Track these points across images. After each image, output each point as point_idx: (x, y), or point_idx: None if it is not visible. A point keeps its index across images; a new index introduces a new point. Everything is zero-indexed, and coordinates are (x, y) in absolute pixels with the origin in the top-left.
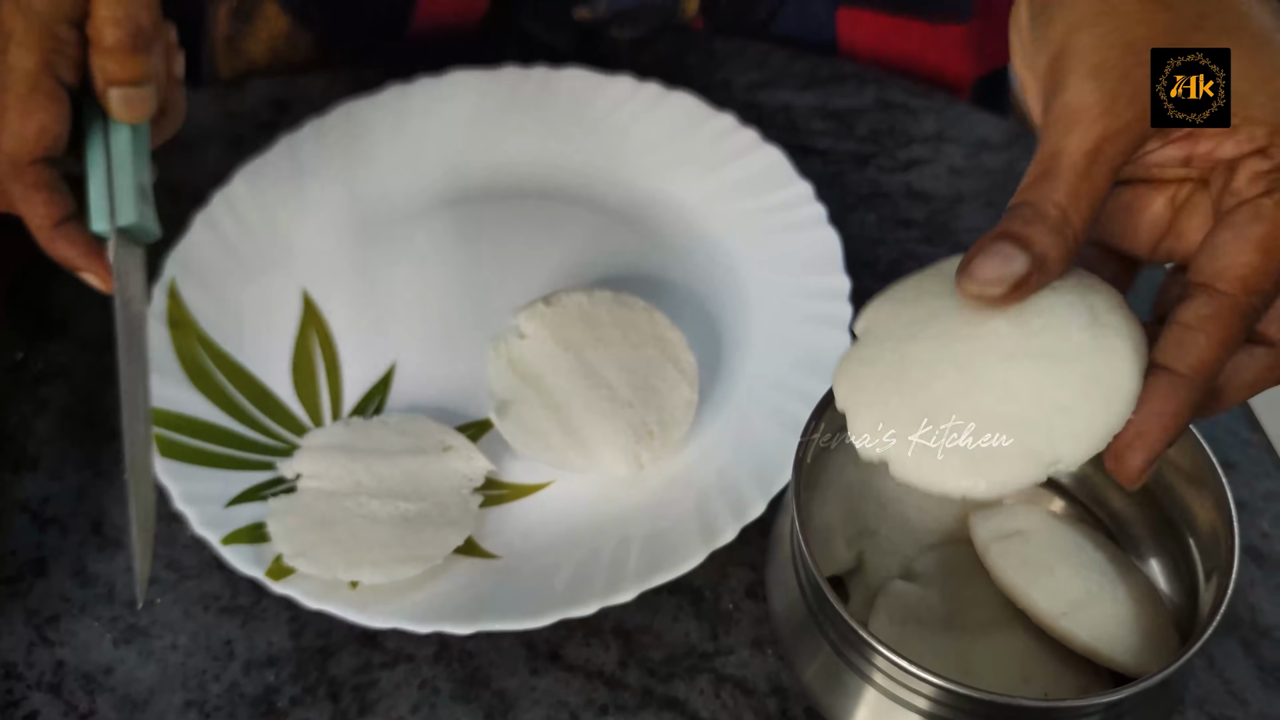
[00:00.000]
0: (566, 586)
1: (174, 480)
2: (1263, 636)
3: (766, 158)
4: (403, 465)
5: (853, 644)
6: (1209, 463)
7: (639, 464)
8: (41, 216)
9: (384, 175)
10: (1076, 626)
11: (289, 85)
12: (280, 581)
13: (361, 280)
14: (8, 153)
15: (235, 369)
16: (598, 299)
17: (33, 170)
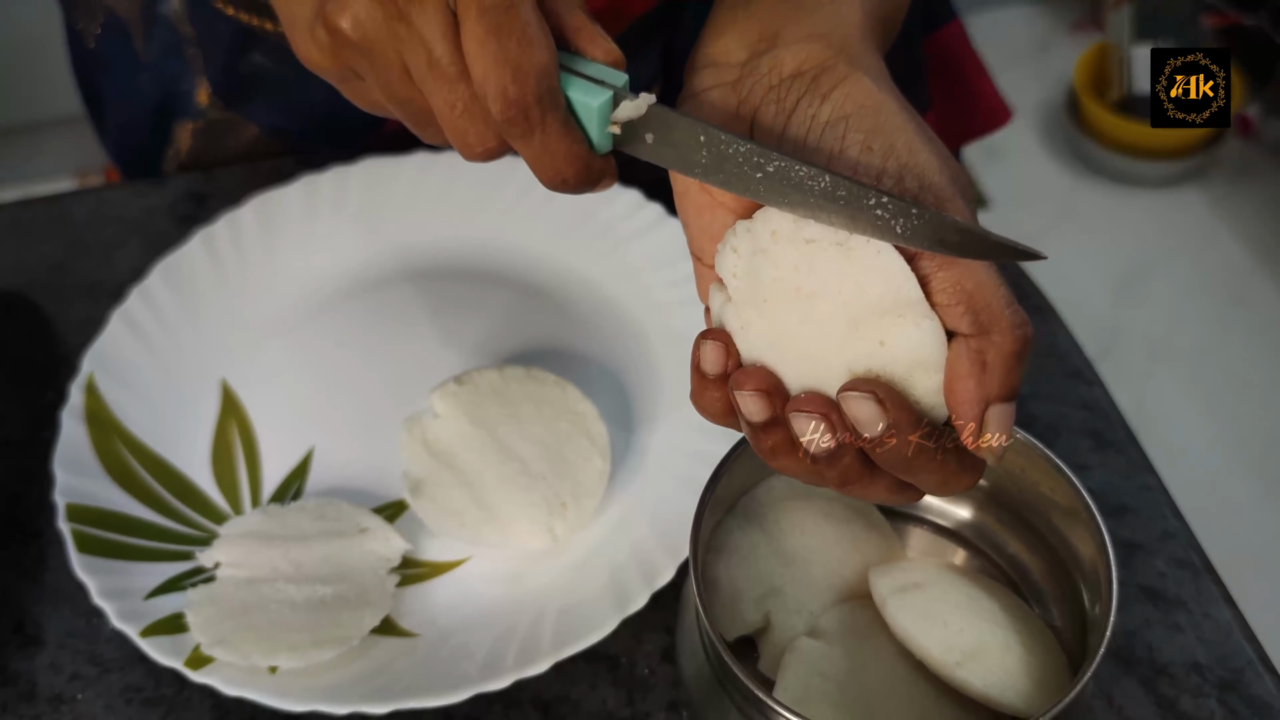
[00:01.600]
0: (482, 662)
1: (93, 575)
2: (1160, 674)
3: (671, 232)
4: (320, 549)
5: (758, 707)
6: (1084, 501)
7: (553, 537)
8: (575, 139)
9: (298, 263)
10: (971, 675)
11: (207, 178)
12: (199, 670)
13: (279, 368)
14: (550, 68)
15: (155, 461)
16: (509, 375)
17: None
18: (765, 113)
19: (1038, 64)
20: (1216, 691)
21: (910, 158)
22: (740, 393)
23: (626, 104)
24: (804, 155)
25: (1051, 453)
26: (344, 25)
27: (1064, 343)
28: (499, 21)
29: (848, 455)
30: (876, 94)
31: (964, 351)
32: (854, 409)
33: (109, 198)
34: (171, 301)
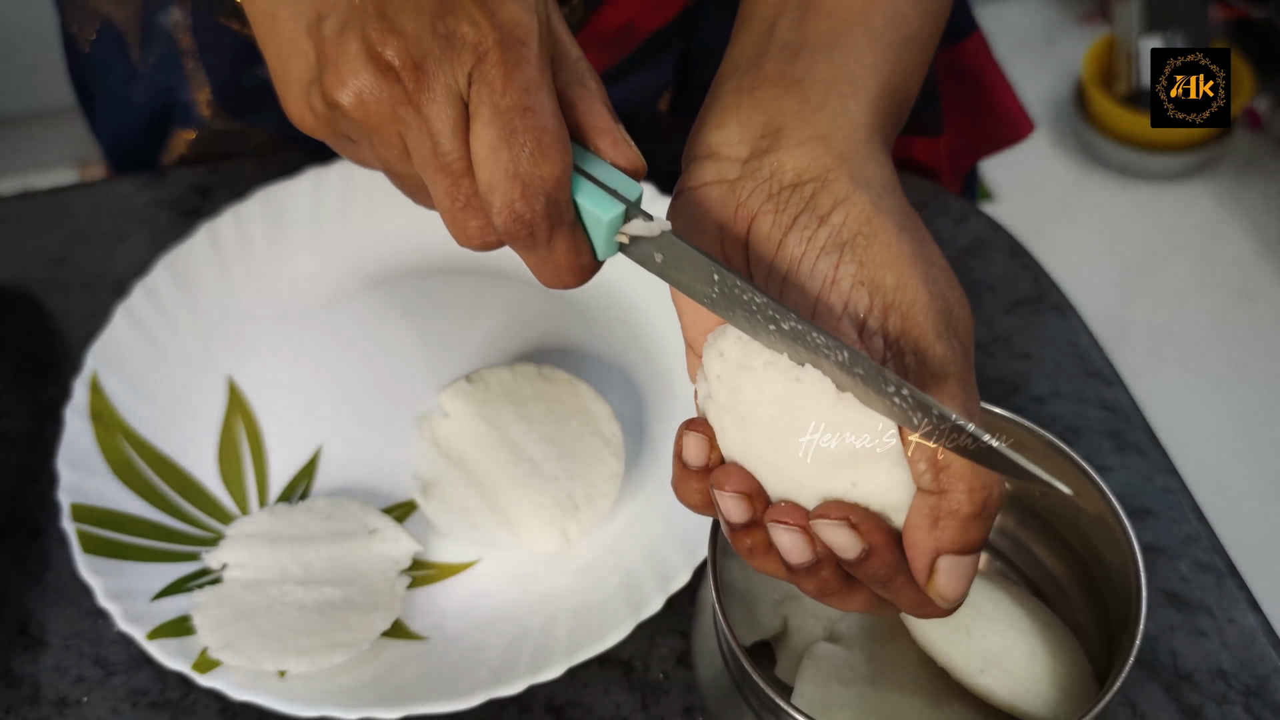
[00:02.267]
0: (494, 666)
1: (98, 576)
2: (1183, 680)
3: None
4: (328, 551)
5: (775, 712)
6: (1113, 508)
7: (565, 538)
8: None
9: (304, 258)
10: (994, 683)
11: (212, 172)
12: (207, 674)
13: (286, 365)
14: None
15: (160, 460)
16: (521, 374)
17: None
18: (762, 223)
19: (1045, 56)
20: (1242, 699)
21: (898, 295)
22: (720, 492)
23: (639, 223)
24: (797, 281)
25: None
26: (344, 101)
27: (1084, 341)
28: (513, 126)
29: (826, 569)
30: (874, 218)
31: (920, 504)
32: (828, 536)
33: (111, 191)
34: (176, 296)
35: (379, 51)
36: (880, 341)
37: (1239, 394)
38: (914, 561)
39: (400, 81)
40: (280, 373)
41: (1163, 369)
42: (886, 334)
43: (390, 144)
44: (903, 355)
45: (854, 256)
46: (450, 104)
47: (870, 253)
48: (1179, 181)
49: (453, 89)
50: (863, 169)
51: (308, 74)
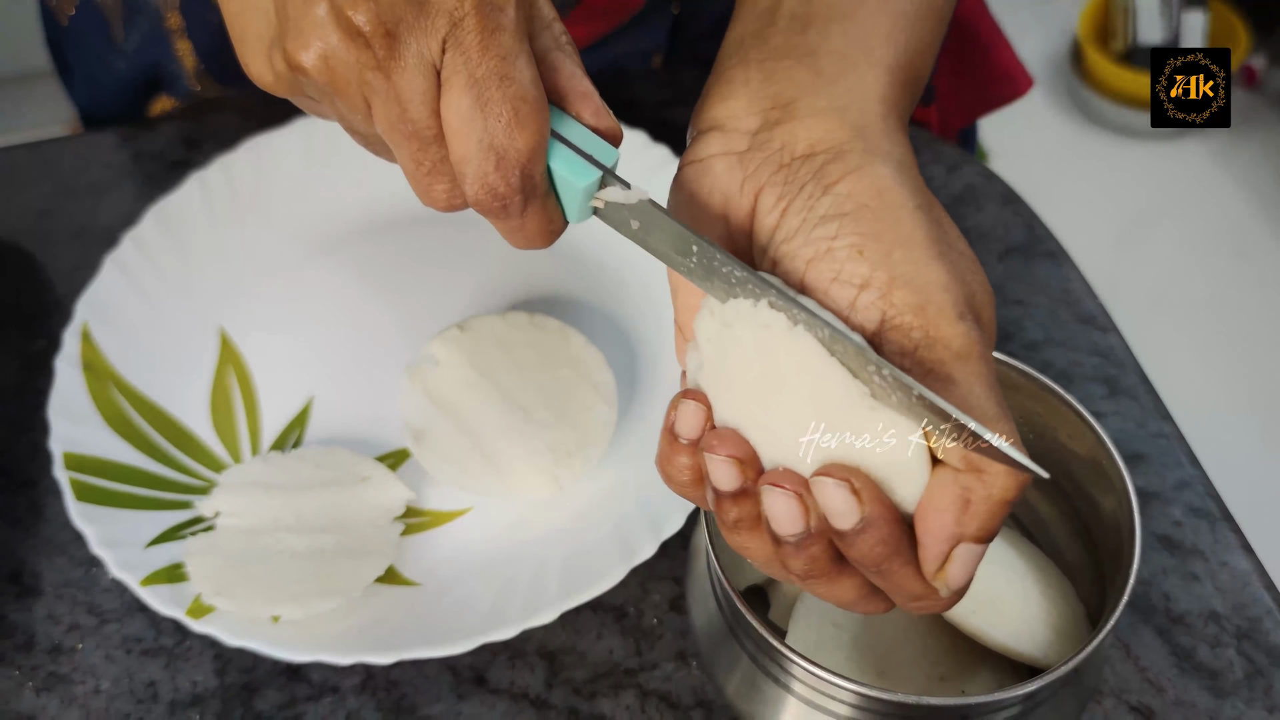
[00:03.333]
0: (487, 611)
1: (91, 524)
2: (1176, 623)
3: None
4: (321, 498)
5: (770, 655)
6: (1107, 451)
7: (557, 485)
8: (552, 218)
9: (294, 208)
10: (986, 624)
11: (200, 123)
12: (200, 620)
13: (277, 314)
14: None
15: (152, 409)
16: (512, 322)
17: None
18: (768, 195)
19: (1041, 14)
20: (1234, 641)
21: (909, 269)
22: (712, 456)
23: (615, 190)
24: (789, 251)
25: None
26: (307, 64)
27: (1077, 288)
28: (489, 96)
29: (817, 544)
30: (889, 191)
31: (949, 484)
32: (826, 497)
33: (97, 143)
34: (166, 247)
35: (348, 16)
36: (877, 313)
37: (1235, 349)
38: (928, 547)
39: (369, 47)
40: (272, 322)
41: (1159, 326)
42: (889, 306)
43: (355, 107)
44: (908, 330)
45: (856, 227)
46: (421, 72)
47: (878, 226)
48: (1176, 139)
49: (425, 57)
50: (879, 143)
51: (268, 31)
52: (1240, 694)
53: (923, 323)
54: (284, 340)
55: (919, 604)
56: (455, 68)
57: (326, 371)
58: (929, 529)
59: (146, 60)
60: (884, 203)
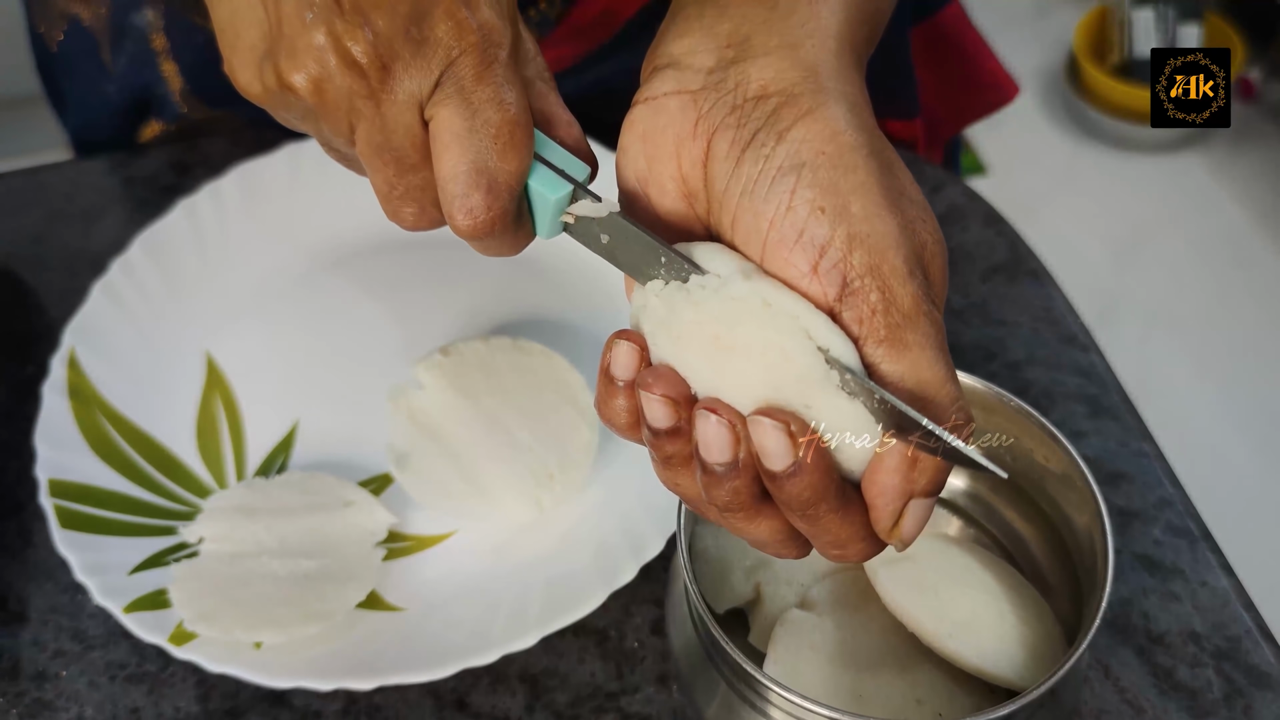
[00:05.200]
0: (469, 635)
1: (75, 551)
2: (1156, 644)
3: None
4: (304, 523)
5: (747, 681)
6: (1079, 468)
7: (539, 508)
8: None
9: (281, 234)
10: (962, 646)
11: (189, 148)
12: (183, 647)
13: (263, 340)
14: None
15: (138, 435)
16: (495, 346)
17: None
18: (721, 139)
19: (1037, 28)
20: (1213, 661)
21: (865, 225)
22: (647, 395)
23: (585, 204)
24: (750, 205)
25: (1045, 419)
26: (298, 85)
27: (1059, 308)
28: (485, 118)
29: (742, 478)
30: (841, 135)
31: (897, 446)
32: (761, 436)
33: (88, 169)
34: (153, 273)
35: (346, 46)
36: (838, 276)
37: (1232, 364)
38: (880, 508)
39: (364, 77)
40: (258, 348)
41: (1156, 340)
42: (849, 269)
43: (339, 130)
44: (867, 293)
45: (814, 179)
46: (409, 108)
47: (834, 175)
48: (1172, 152)
49: (414, 94)
50: (831, 82)
51: (261, 44)
52: (1219, 714)
53: (878, 284)
54: (269, 365)
55: (840, 552)
56: (449, 94)
57: (311, 397)
58: (880, 490)
59: (135, 83)
60: (838, 147)
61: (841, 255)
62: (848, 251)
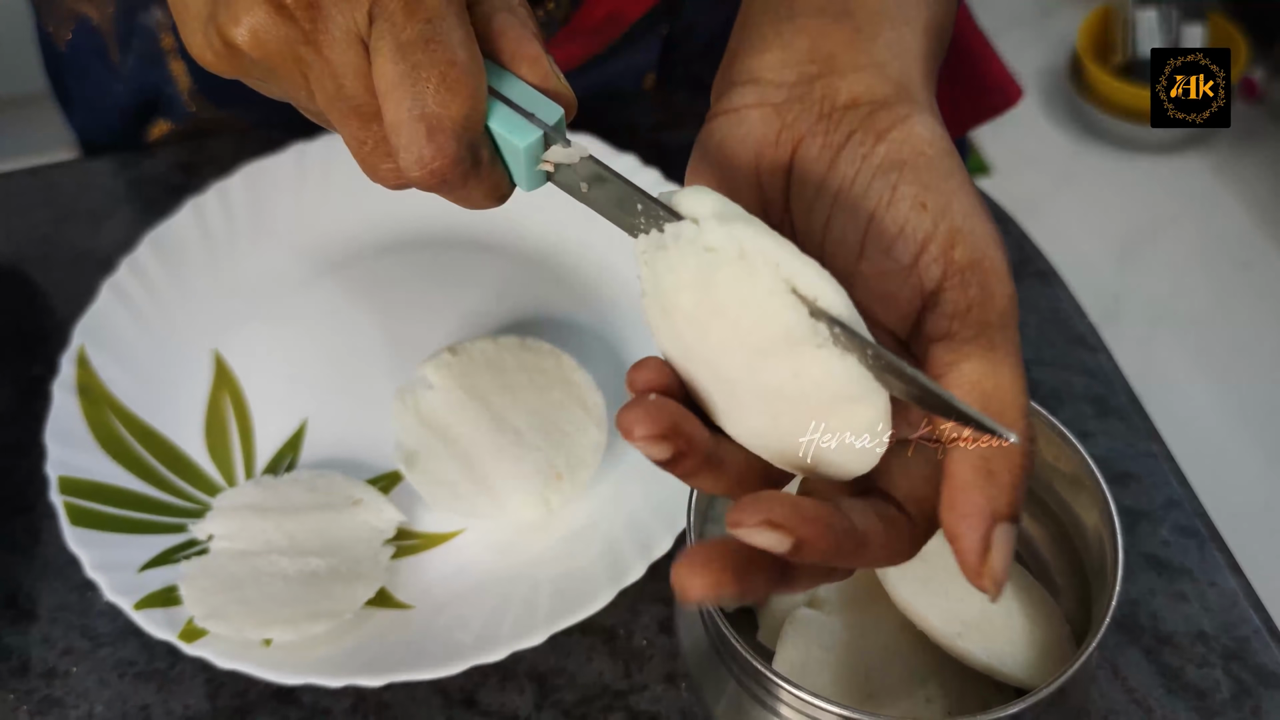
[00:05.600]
0: (478, 633)
1: (85, 548)
2: (1164, 644)
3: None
4: (313, 521)
5: (756, 678)
6: (1089, 468)
7: (547, 507)
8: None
9: (289, 233)
10: (972, 645)
11: (197, 149)
12: (193, 644)
13: (272, 339)
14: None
15: (147, 433)
16: (503, 345)
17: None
18: (810, 145)
19: (1041, 28)
20: (1221, 661)
21: (965, 223)
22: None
23: (558, 149)
24: (848, 202)
25: (1054, 419)
26: (239, 40)
27: (1067, 308)
28: (416, 60)
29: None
30: (938, 142)
31: (969, 458)
32: (753, 541)
33: (97, 169)
34: (162, 272)
35: None
36: (939, 270)
37: (1236, 364)
38: (966, 540)
39: (295, 21)
40: (266, 346)
41: (1160, 340)
42: (950, 263)
43: (294, 83)
44: (966, 288)
45: (915, 177)
46: (350, 45)
47: (933, 177)
48: (1176, 152)
49: (351, 30)
50: (921, 95)
51: (205, 10)
52: (1227, 714)
53: (979, 279)
54: (278, 364)
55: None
56: (381, 34)
57: (320, 395)
58: (961, 515)
59: (144, 83)
60: (937, 151)
61: (943, 249)
62: (950, 245)
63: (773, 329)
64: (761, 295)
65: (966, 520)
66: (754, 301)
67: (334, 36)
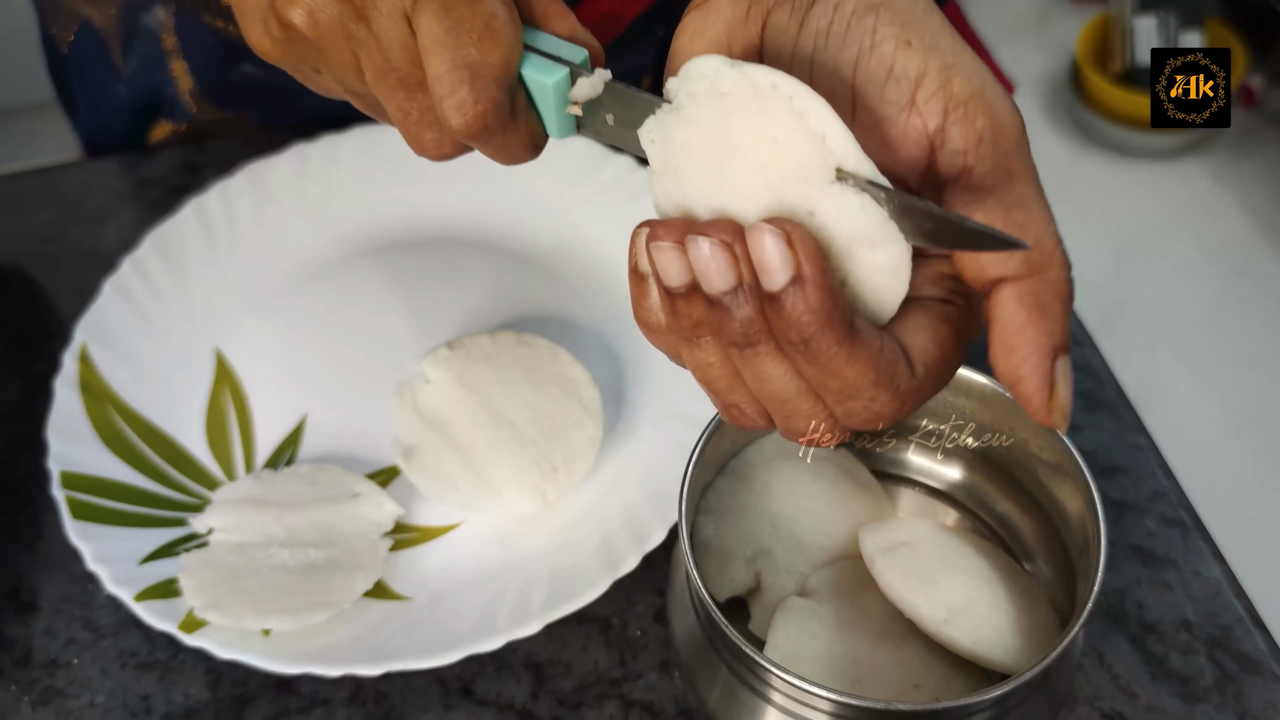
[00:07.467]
0: (474, 623)
1: (87, 541)
2: (1149, 631)
3: None
4: (312, 514)
5: (748, 665)
6: (1072, 456)
7: (544, 500)
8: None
9: (290, 231)
10: (958, 632)
11: (199, 149)
12: (193, 634)
13: (272, 335)
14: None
15: (148, 428)
16: (501, 341)
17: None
18: (779, 14)
19: (1040, 35)
20: (1205, 648)
21: (956, 57)
22: (658, 247)
23: (583, 81)
24: (826, 59)
25: None
26: (296, 20)
27: None
28: (459, 14)
29: (751, 303)
30: None
31: (1016, 296)
32: (758, 249)
33: (100, 169)
34: (164, 270)
35: None
36: (940, 105)
37: (1233, 369)
38: (1027, 378)
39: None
40: (267, 343)
41: (1159, 346)
42: (950, 96)
43: (345, 62)
44: (972, 119)
45: (893, 17)
46: (396, 20)
47: (912, 14)
48: (1175, 159)
49: (397, 5)
50: None
51: (264, 2)
52: (1211, 700)
53: (983, 107)
54: (278, 360)
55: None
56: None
57: (319, 391)
58: (1022, 356)
59: (146, 84)
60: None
61: (940, 84)
62: (946, 79)
63: (786, 164)
64: (775, 127)
65: (1029, 361)
66: (768, 134)
67: (381, 11)
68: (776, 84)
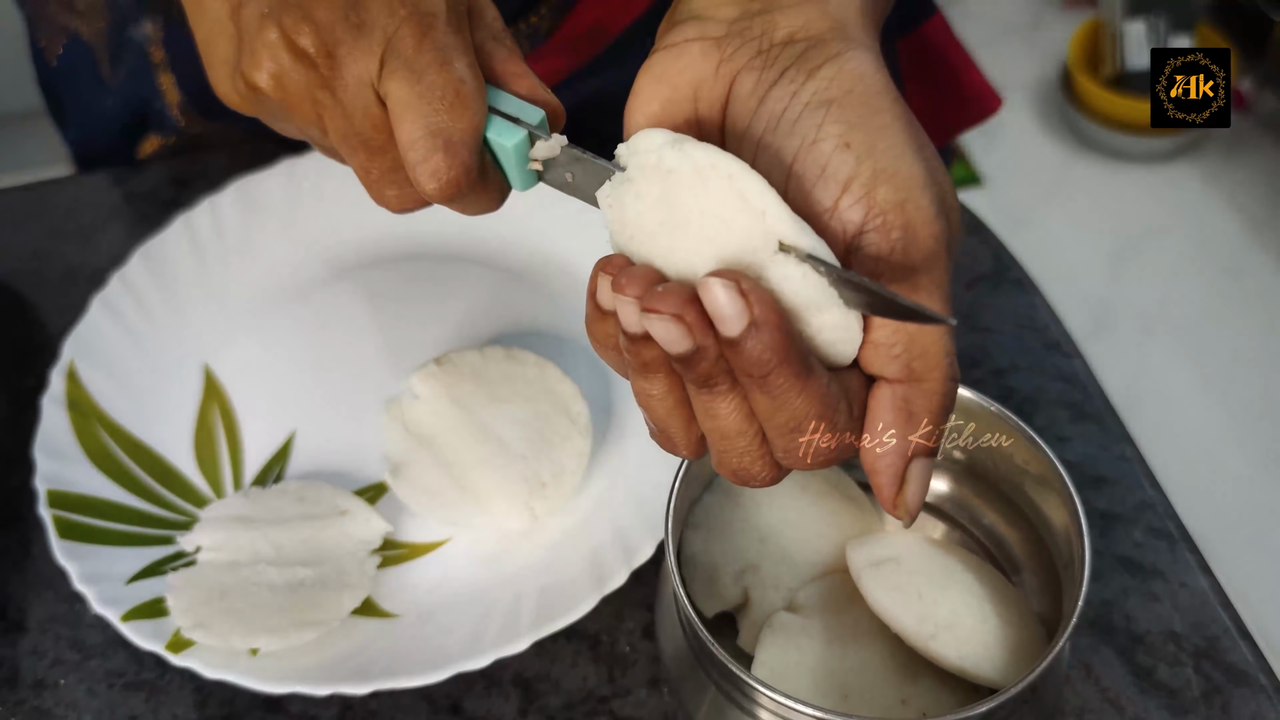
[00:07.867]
0: (463, 641)
1: (73, 561)
2: (1137, 643)
3: None
4: (300, 532)
5: (734, 683)
6: (1055, 469)
7: (532, 515)
8: (500, 187)
9: (279, 246)
10: (945, 647)
11: (188, 164)
12: (180, 654)
13: (261, 351)
14: (478, 130)
15: (136, 446)
16: (489, 356)
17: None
18: (745, 80)
19: (1031, 40)
20: (1192, 660)
21: (891, 163)
22: (619, 298)
23: (540, 144)
24: (773, 141)
25: (1024, 423)
26: (261, 83)
27: (1043, 315)
28: (430, 81)
29: (706, 359)
30: (870, 78)
31: (889, 399)
32: (711, 300)
33: (88, 184)
34: (152, 286)
35: (293, 39)
36: (861, 211)
37: (1225, 372)
38: (882, 475)
39: (315, 67)
40: (255, 359)
41: (1150, 348)
42: (873, 204)
43: (310, 121)
44: (888, 230)
45: (841, 116)
46: (362, 90)
47: (862, 114)
48: (1166, 163)
49: (364, 77)
50: (858, 34)
51: (232, 55)
52: (1198, 711)
53: (903, 221)
54: (267, 377)
55: (787, 442)
56: (395, 67)
57: (308, 407)
58: (883, 451)
59: (135, 97)
60: (867, 89)
61: (866, 190)
62: (873, 187)
63: (732, 236)
64: (717, 204)
65: (884, 459)
66: (711, 210)
67: (348, 82)
68: (716, 164)
